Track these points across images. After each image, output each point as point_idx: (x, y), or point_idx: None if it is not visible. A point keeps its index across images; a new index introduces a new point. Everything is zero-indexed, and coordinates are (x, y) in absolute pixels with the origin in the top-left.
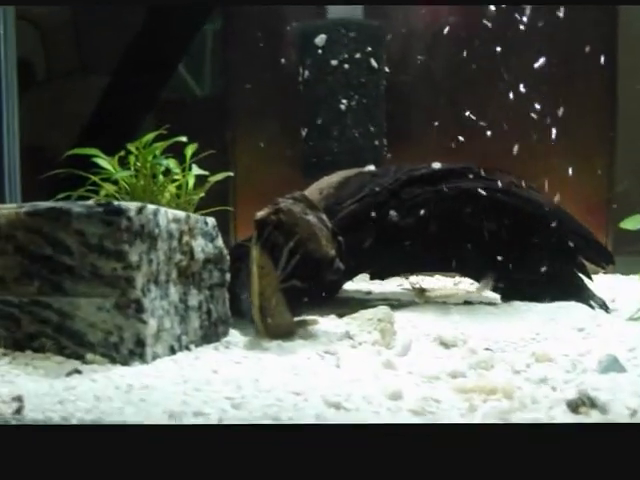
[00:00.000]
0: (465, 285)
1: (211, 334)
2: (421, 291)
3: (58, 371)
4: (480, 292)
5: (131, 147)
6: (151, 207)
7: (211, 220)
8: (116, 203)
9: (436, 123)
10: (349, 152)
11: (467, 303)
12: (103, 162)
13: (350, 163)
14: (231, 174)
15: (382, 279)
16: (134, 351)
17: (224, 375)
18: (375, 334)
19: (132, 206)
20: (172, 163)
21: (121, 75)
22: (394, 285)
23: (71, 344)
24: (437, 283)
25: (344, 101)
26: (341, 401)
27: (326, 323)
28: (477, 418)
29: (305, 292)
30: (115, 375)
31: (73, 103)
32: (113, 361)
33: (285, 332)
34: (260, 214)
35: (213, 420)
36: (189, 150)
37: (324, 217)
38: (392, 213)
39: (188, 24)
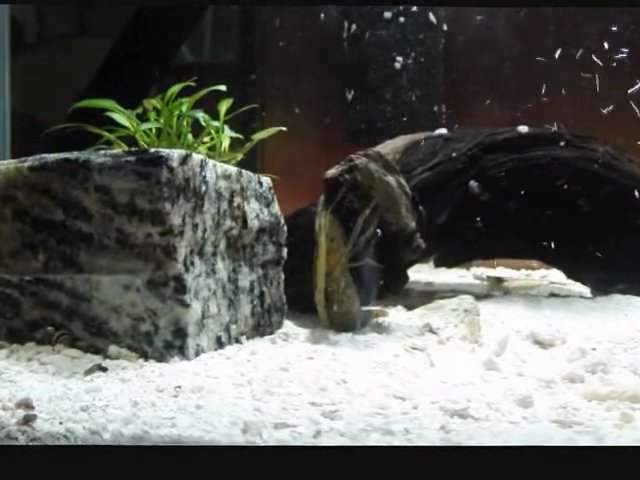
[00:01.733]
0: (537, 277)
1: (264, 324)
2: (498, 281)
3: (73, 368)
4: None
5: (151, 102)
6: (197, 156)
7: (266, 180)
8: (153, 150)
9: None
10: (404, 117)
11: (554, 296)
12: (119, 117)
13: (406, 130)
14: (284, 129)
15: (450, 266)
16: (172, 343)
17: (297, 374)
18: (462, 328)
19: (174, 154)
20: (204, 118)
21: (126, 38)
22: (455, 276)
23: (87, 334)
24: (502, 274)
25: (399, 59)
26: (464, 408)
27: (395, 315)
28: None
29: (378, 274)
30: (152, 374)
31: (69, 66)
32: (144, 356)
33: (352, 323)
34: (331, 172)
35: (306, 434)
36: (223, 105)
37: (403, 181)
38: (472, 184)
39: None
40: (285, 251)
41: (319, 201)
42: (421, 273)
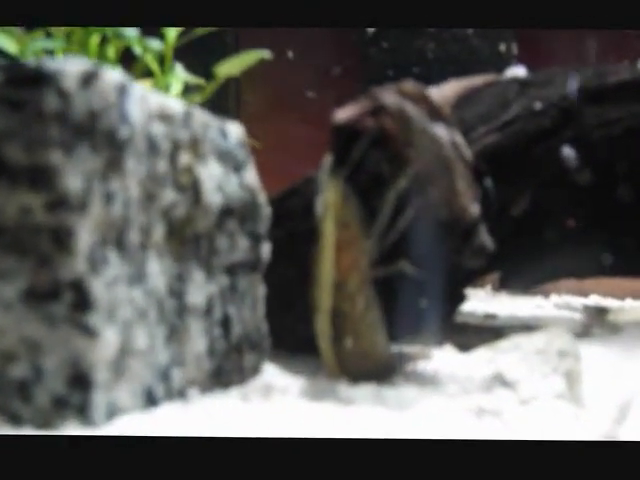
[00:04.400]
0: None
1: (231, 369)
2: (600, 313)
3: None
4: None
5: None
6: (113, 75)
7: (235, 130)
8: (31, 61)
9: None
10: (456, 59)
11: None
12: None
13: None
14: (266, 54)
15: (522, 289)
16: (66, 399)
17: None
18: (555, 380)
19: (70, 67)
20: (139, 43)
21: None
22: (528, 306)
23: None
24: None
25: None
26: None
27: (444, 358)
28: None
29: (418, 289)
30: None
31: None
32: (14, 419)
33: (376, 368)
34: (344, 114)
35: None
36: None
37: (460, 139)
38: (567, 152)
39: None
40: (267, 249)
41: (322, 165)
42: (476, 301)
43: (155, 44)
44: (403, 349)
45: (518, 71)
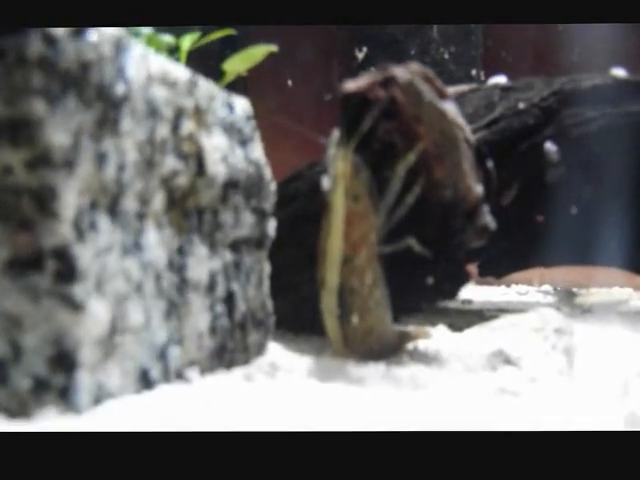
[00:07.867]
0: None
1: (234, 348)
2: (569, 295)
3: None
4: None
5: None
6: (109, 30)
7: (242, 103)
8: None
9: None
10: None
11: None
12: None
13: None
14: (274, 49)
15: (499, 276)
16: (48, 381)
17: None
18: (556, 356)
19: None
20: None
21: None
22: (495, 293)
23: None
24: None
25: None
26: None
27: (440, 337)
28: None
29: (424, 266)
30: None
31: None
32: None
33: (380, 347)
34: (355, 84)
35: None
36: None
37: (463, 122)
38: (549, 146)
39: None
40: (272, 225)
41: (330, 137)
42: None
43: (167, 38)
44: (402, 327)
45: (500, 79)
